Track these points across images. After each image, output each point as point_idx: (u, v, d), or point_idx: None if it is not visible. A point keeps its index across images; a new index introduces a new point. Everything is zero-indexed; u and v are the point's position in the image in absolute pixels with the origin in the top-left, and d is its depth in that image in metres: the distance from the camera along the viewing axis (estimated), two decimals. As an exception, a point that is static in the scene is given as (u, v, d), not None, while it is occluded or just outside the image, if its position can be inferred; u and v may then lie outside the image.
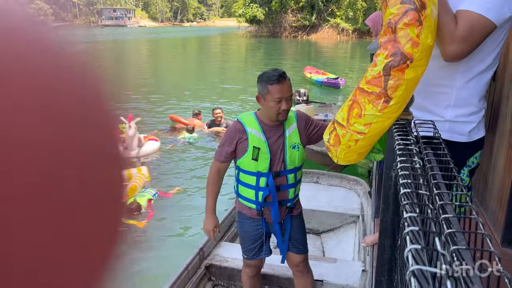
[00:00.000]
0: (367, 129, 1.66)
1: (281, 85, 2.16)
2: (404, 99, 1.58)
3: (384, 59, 1.54)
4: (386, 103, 1.58)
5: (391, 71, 1.55)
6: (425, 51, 1.50)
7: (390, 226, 1.47)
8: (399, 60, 1.51)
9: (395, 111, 1.59)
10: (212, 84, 15.49)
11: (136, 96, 12.56)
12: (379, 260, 1.55)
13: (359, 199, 4.17)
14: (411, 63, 1.50)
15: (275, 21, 48.33)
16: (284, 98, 2.18)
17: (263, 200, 2.34)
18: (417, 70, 1.53)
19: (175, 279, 2.77)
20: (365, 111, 1.63)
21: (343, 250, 3.62)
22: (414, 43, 1.49)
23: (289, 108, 2.21)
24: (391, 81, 1.55)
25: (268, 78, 2.18)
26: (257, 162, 2.28)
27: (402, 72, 1.53)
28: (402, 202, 0.73)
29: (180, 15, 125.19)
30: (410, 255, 0.54)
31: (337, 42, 40.53)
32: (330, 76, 14.85)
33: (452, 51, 1.47)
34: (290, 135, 2.30)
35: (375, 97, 1.60)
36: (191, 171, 6.41)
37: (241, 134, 2.28)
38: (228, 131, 2.36)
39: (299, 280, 2.63)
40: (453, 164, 0.96)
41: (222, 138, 2.38)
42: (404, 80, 1.54)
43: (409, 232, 0.60)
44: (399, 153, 1.04)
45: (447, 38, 1.47)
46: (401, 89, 1.55)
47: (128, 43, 40.20)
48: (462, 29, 1.44)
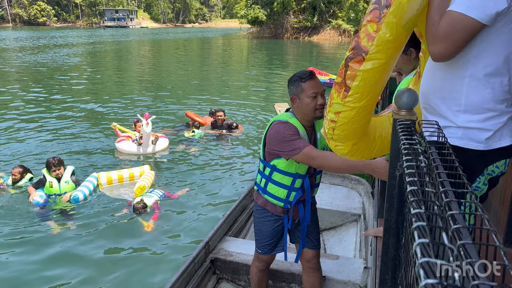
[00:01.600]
0: (337, 118, 1.79)
1: (314, 80, 2.25)
2: (363, 90, 1.68)
3: (347, 52, 1.69)
4: (346, 92, 1.71)
5: (349, 63, 1.68)
6: (381, 45, 1.59)
7: (394, 225, 1.49)
8: (356, 53, 1.64)
9: (357, 101, 1.70)
10: (215, 85, 15.51)
11: (138, 95, 12.61)
12: (383, 258, 1.57)
13: (360, 198, 4.20)
14: (365, 55, 1.61)
15: (277, 22, 48.39)
16: (319, 93, 2.25)
17: (295, 200, 2.41)
18: (374, 64, 1.62)
19: (182, 272, 2.83)
20: (333, 100, 1.78)
21: (344, 247, 3.65)
22: (370, 37, 1.60)
23: (324, 103, 2.24)
24: (349, 71, 1.68)
25: (300, 77, 2.26)
26: (298, 164, 2.31)
27: (359, 64, 1.64)
28: (409, 199, 0.75)
29: (182, 16, 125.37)
30: (418, 248, 0.56)
31: (338, 43, 40.55)
32: (333, 77, 14.88)
33: (435, 51, 1.46)
34: (321, 137, 2.37)
35: (338, 87, 1.75)
36: (198, 170, 6.48)
37: (297, 131, 2.27)
38: (287, 127, 2.25)
39: (309, 276, 2.65)
40: (458, 163, 0.97)
41: (283, 136, 2.23)
42: (359, 71, 1.65)
43: (417, 227, 0.62)
44: (404, 152, 1.06)
45: (430, 38, 1.47)
46: (357, 80, 1.66)
47: (131, 44, 40.30)
48: (441, 29, 1.42)
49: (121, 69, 20.79)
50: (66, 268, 3.90)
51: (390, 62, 1.66)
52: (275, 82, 16.13)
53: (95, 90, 14.17)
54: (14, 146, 7.57)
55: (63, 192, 5.24)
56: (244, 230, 3.86)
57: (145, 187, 5.27)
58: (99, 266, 3.93)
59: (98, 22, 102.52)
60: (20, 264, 3.95)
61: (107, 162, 6.81)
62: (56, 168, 5.18)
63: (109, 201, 5.29)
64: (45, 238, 4.41)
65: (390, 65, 1.69)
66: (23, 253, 4.14)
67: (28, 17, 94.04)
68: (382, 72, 1.67)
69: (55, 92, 13.32)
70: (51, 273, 3.82)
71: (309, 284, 2.67)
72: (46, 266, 3.94)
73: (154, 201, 5.05)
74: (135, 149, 7.03)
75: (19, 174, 5.49)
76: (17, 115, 10.00)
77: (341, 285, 2.90)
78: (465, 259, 0.57)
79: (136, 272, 3.84)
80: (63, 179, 5.27)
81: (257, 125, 9.12)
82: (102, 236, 4.45)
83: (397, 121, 1.49)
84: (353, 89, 1.68)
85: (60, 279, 3.75)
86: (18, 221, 4.73)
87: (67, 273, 3.83)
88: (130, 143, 7.13)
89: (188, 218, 4.86)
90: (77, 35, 52.61)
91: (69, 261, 4.02)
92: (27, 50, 29.70)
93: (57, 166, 5.18)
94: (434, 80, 1.60)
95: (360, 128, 1.81)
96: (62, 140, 8.02)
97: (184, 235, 4.49)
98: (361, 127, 1.82)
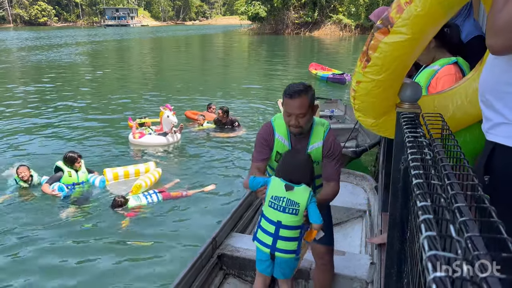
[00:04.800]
0: (356, 87, 1.74)
1: (292, 100, 2.15)
2: (382, 63, 1.60)
3: (379, 21, 1.60)
4: (366, 62, 1.64)
5: (375, 32, 1.60)
6: (408, 19, 1.49)
7: (399, 219, 1.48)
8: (383, 23, 1.56)
9: (375, 73, 1.62)
10: (216, 82, 15.50)
11: (143, 92, 12.62)
12: (388, 252, 1.57)
13: (365, 195, 4.19)
14: (391, 28, 1.53)
15: (277, 18, 48.21)
16: (294, 114, 2.15)
17: None
18: (397, 38, 1.53)
19: (190, 267, 2.86)
20: (356, 68, 1.72)
21: (350, 244, 3.64)
22: (400, 9, 1.51)
23: (297, 125, 2.17)
24: (372, 41, 1.61)
25: (286, 90, 2.20)
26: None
27: (383, 36, 1.56)
28: (415, 192, 0.74)
29: (183, 14, 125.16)
30: (426, 241, 0.55)
31: (340, 38, 40.42)
32: (336, 72, 14.83)
33: (492, 43, 1.26)
34: (311, 152, 2.28)
35: (361, 56, 1.68)
36: (205, 167, 6.53)
37: (269, 137, 2.32)
38: (260, 133, 2.37)
39: (321, 273, 2.62)
40: (463, 155, 0.96)
41: (256, 140, 2.39)
42: (381, 43, 1.57)
43: (424, 220, 0.61)
44: (409, 145, 1.05)
45: (488, 28, 1.28)
46: (378, 51, 1.59)
47: (132, 42, 40.30)
48: (503, 18, 1.19)
49: (127, 66, 20.79)
50: (72, 262, 4.02)
51: (417, 40, 1.54)
52: (277, 78, 16.10)
53: (102, 87, 14.20)
54: (21, 142, 7.80)
55: (80, 181, 5.58)
56: (250, 226, 3.87)
57: (141, 186, 5.32)
58: (106, 261, 4.01)
59: (98, 21, 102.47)
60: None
61: (128, 157, 7.03)
62: (77, 161, 5.52)
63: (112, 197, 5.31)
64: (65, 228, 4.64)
65: (417, 43, 1.57)
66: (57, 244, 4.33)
67: (29, 17, 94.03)
68: (406, 49, 1.56)
69: (63, 89, 13.35)
70: (64, 265, 3.92)
71: (320, 282, 2.64)
72: (60, 264, 4.02)
73: (138, 205, 5.03)
74: (164, 141, 7.31)
75: (27, 171, 5.56)
76: (26, 113, 10.11)
77: (348, 280, 2.90)
78: (473, 252, 0.56)
79: (145, 267, 3.92)
80: (81, 169, 5.62)
81: (259, 123, 9.12)
82: (108, 232, 4.54)
83: (400, 114, 1.48)
84: (373, 60, 1.61)
85: (73, 270, 3.86)
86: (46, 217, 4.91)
87: (75, 267, 3.95)
88: (155, 136, 7.37)
89: (195, 214, 4.92)
90: (79, 35, 52.65)
91: (75, 254, 4.14)
92: (31, 49, 29.75)
93: (78, 160, 5.53)
94: (492, 73, 1.42)
95: (381, 103, 1.73)
96: (76, 136, 8.26)
97: (191, 231, 4.55)
98: (382, 103, 1.73)
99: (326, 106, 8.39)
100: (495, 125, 1.35)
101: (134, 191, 5.27)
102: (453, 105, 1.84)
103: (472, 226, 0.68)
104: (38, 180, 5.65)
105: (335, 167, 2.28)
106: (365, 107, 1.77)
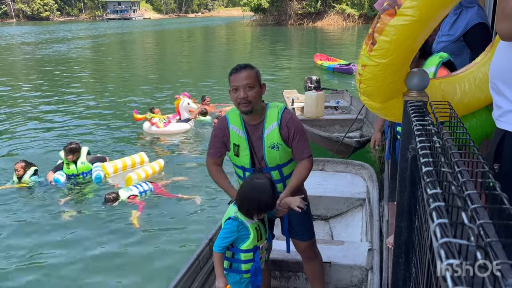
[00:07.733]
0: (362, 71, 1.70)
1: (237, 74, 2.14)
2: (388, 46, 1.56)
3: (386, 2, 1.57)
4: (372, 45, 1.61)
5: (381, 14, 1.57)
6: (417, 0, 1.46)
7: (407, 208, 1.48)
8: (390, 4, 1.53)
9: (381, 57, 1.59)
10: (219, 74, 15.46)
11: (145, 88, 12.63)
12: (396, 241, 1.56)
13: (364, 183, 4.19)
14: (398, 8, 1.49)
15: (280, 9, 47.83)
16: (241, 86, 2.13)
17: None
18: (404, 19, 1.49)
19: (187, 269, 2.76)
20: (361, 51, 1.69)
21: (351, 233, 3.65)
22: None
23: (246, 98, 2.13)
24: (378, 24, 1.58)
25: (230, 71, 2.19)
26: (239, 158, 2.32)
27: (390, 17, 1.53)
28: (425, 180, 0.74)
29: (185, 6, 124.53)
30: (438, 228, 0.55)
31: (343, 28, 40.08)
32: (342, 62, 14.74)
33: (502, 29, 1.25)
34: (268, 136, 2.24)
35: (367, 39, 1.65)
36: (200, 165, 6.43)
37: (224, 131, 2.32)
38: (215, 128, 2.39)
39: (307, 265, 2.67)
40: (473, 143, 0.95)
41: (211, 136, 2.40)
42: (388, 26, 1.54)
43: (435, 208, 0.61)
44: (417, 133, 1.04)
45: (498, 14, 1.26)
46: (384, 34, 1.55)
47: (135, 35, 40.21)
48: (510, 6, 1.20)
49: (132, 60, 20.77)
50: (66, 259, 4.01)
51: (424, 22, 1.51)
52: (281, 69, 16.03)
53: (107, 81, 14.22)
54: (28, 136, 7.91)
55: (80, 172, 5.64)
56: None
57: (130, 178, 5.32)
58: (99, 263, 3.94)
59: (101, 15, 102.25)
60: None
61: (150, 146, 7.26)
62: (67, 155, 5.50)
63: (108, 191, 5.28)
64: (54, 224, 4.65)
65: (425, 26, 1.54)
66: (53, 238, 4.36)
67: (31, 12, 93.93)
68: (413, 31, 1.53)
69: (69, 83, 13.39)
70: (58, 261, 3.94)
71: (309, 271, 2.68)
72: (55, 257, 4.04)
73: (130, 196, 5.01)
74: (188, 126, 7.84)
75: (22, 169, 5.53)
76: (31, 107, 10.17)
77: (347, 269, 2.90)
78: (485, 239, 0.56)
79: (140, 270, 3.82)
80: (79, 160, 5.62)
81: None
82: (101, 232, 4.46)
83: (408, 103, 1.46)
84: (379, 43, 1.58)
85: (68, 266, 3.87)
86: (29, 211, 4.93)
87: (67, 264, 3.94)
88: (180, 124, 7.79)
89: (190, 214, 4.79)
90: (82, 28, 52.59)
91: (69, 254, 4.10)
92: (35, 44, 29.78)
93: (68, 155, 5.49)
94: (502, 60, 1.40)
95: (387, 87, 1.70)
96: (83, 128, 8.48)
97: (187, 231, 4.44)
98: (388, 86, 1.70)
99: (332, 97, 8.30)
100: (505, 113, 1.33)
101: (127, 183, 5.33)
102: (461, 90, 1.82)
103: (483, 214, 0.67)
104: (30, 179, 5.55)
105: (301, 143, 2.24)
106: (371, 91, 1.74)
